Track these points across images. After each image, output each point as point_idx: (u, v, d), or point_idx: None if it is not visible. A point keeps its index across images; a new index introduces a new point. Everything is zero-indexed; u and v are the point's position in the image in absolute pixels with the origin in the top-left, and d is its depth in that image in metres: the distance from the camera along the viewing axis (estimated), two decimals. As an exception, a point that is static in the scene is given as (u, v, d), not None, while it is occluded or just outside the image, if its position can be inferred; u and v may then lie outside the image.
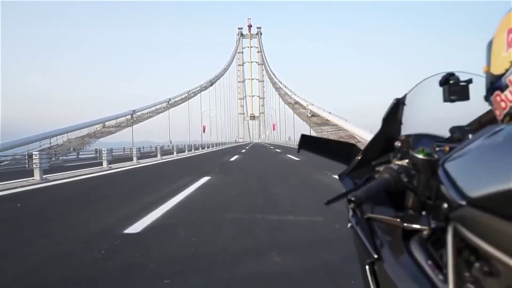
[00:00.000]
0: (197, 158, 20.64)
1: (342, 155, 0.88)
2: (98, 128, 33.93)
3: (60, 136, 26.76)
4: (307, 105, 46.62)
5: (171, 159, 19.15)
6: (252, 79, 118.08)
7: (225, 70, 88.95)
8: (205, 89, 68.05)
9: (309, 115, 45.50)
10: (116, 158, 17.05)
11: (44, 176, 9.04)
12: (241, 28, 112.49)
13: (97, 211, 4.69)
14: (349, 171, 0.80)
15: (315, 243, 3.03)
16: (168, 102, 48.25)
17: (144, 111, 41.05)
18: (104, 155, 13.57)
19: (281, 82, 72.36)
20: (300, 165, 12.40)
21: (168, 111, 48.19)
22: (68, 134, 27.86)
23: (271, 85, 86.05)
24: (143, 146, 28.59)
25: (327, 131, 38.92)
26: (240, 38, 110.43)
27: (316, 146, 0.94)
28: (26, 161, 12.30)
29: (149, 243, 3.17)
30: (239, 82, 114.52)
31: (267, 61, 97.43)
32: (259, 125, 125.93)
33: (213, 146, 47.53)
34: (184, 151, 29.80)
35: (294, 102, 56.54)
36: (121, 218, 4.11)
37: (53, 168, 12.09)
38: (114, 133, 36.59)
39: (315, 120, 44.35)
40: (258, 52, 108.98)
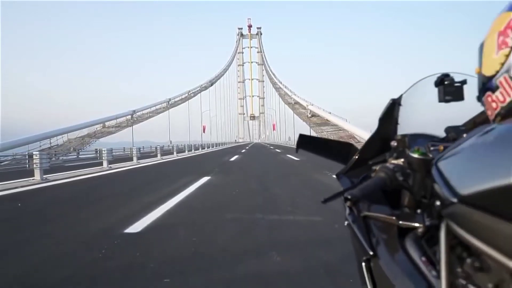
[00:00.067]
0: (197, 158, 20.64)
1: (340, 155, 0.89)
2: (98, 128, 33.94)
3: (60, 136, 26.79)
4: (307, 105, 46.59)
5: (171, 159, 19.14)
6: (252, 79, 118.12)
7: (225, 70, 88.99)
8: (205, 89, 68.09)
9: (309, 115, 45.46)
10: (116, 158, 17.03)
11: (44, 176, 9.04)
12: (241, 28, 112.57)
13: (97, 211, 4.70)
14: (347, 171, 0.81)
15: (314, 243, 3.04)
16: (168, 102, 48.28)
17: (144, 111, 41.08)
18: (104, 155, 13.56)
19: (281, 82, 72.32)
20: (300, 165, 12.40)
21: (168, 111, 48.27)
22: (68, 134, 27.89)
23: (271, 85, 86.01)
24: (143, 146, 28.57)
25: (327, 131, 38.85)
26: (240, 38, 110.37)
27: (314, 145, 0.95)
28: (27, 161, 12.31)
29: (149, 242, 3.18)
30: (239, 82, 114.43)
31: (267, 61, 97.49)
32: (259, 125, 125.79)
33: (213, 146, 47.49)
34: (184, 151, 29.79)
35: (294, 102, 56.49)
36: (121, 218, 4.12)
37: (53, 168, 12.09)
38: (114, 133, 36.64)
39: (315, 120, 44.31)
40: (258, 52, 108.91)
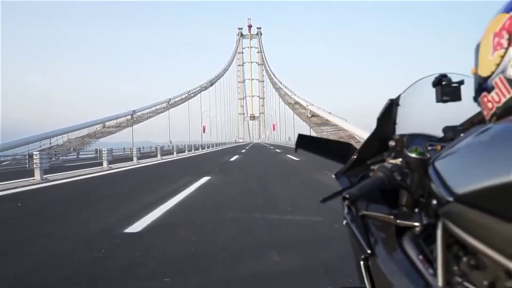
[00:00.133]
0: (197, 158, 20.65)
1: (339, 155, 0.90)
2: (98, 128, 33.93)
3: (60, 136, 26.78)
4: (307, 105, 46.57)
5: (171, 159, 19.15)
6: (252, 79, 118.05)
7: (225, 70, 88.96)
8: (205, 89, 68.07)
9: (309, 115, 45.45)
10: (116, 158, 17.02)
11: (44, 176, 9.05)
12: (241, 28, 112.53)
13: (97, 211, 4.71)
14: (345, 170, 0.82)
15: (314, 242, 3.04)
16: (168, 102, 48.28)
17: (144, 111, 41.08)
18: (104, 155, 13.57)
19: (281, 82, 72.27)
20: (300, 165, 12.40)
21: (168, 111, 48.25)
22: (68, 134, 27.88)
23: (271, 85, 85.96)
24: (143, 146, 28.54)
25: (327, 131, 38.83)
26: (240, 38, 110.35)
27: (313, 145, 0.96)
28: (27, 161, 12.31)
29: (150, 242, 3.19)
30: (239, 82, 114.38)
31: (267, 61, 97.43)
32: (259, 125, 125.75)
33: (213, 146, 47.50)
34: (184, 151, 29.79)
35: (294, 102, 56.47)
36: (121, 218, 4.12)
37: (54, 168, 12.10)
38: (114, 133, 36.64)
39: (315, 120, 44.30)
40: (258, 52, 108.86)
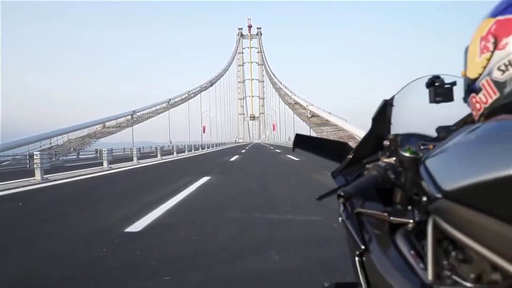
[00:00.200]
0: (197, 158, 20.66)
1: (335, 154, 0.92)
2: (98, 129, 33.95)
3: (61, 137, 26.80)
4: (307, 106, 46.60)
5: (171, 159, 19.17)
6: (252, 80, 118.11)
7: (225, 70, 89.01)
8: (205, 90, 68.09)
9: (309, 116, 45.48)
10: (116, 158, 17.06)
11: (45, 176, 9.07)
12: (241, 28, 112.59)
13: (97, 211, 4.73)
14: (341, 169, 0.84)
15: (313, 242, 3.06)
16: (168, 103, 48.29)
17: (144, 112, 41.09)
18: (105, 155, 13.59)
19: (281, 83, 72.31)
20: (299, 165, 12.42)
21: (168, 111, 48.25)
22: (68, 134, 27.90)
23: (271, 85, 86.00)
24: (143, 147, 28.60)
25: (327, 132, 38.84)
26: (240, 39, 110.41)
27: (310, 145, 0.97)
28: (27, 161, 12.35)
29: (150, 241, 3.20)
30: (239, 82, 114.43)
31: (267, 62, 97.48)
32: (259, 125, 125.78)
33: (213, 147, 47.54)
34: (184, 152, 29.82)
35: (294, 103, 56.50)
36: (122, 218, 4.14)
37: (54, 168, 12.12)
38: (114, 133, 36.66)
39: (315, 121, 44.33)
40: (258, 52, 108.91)
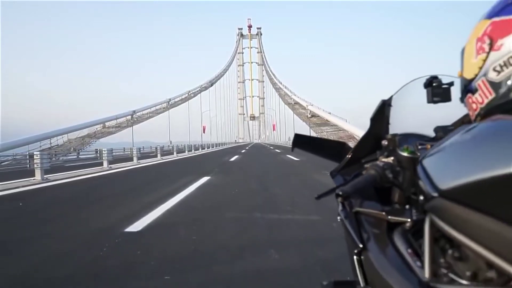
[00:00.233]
0: (197, 158, 20.67)
1: (334, 154, 0.92)
2: (98, 129, 33.95)
3: (61, 137, 26.80)
4: (307, 106, 46.61)
5: (171, 159, 19.17)
6: (252, 80, 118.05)
7: (225, 70, 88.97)
8: (205, 90, 68.05)
9: (309, 116, 45.49)
10: (116, 158, 17.07)
11: (45, 176, 9.08)
12: (241, 28, 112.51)
13: (98, 211, 4.73)
14: (340, 169, 0.85)
15: (313, 241, 3.07)
16: (168, 103, 48.29)
17: (144, 112, 41.10)
18: (105, 155, 13.60)
19: (281, 83, 72.32)
20: (299, 165, 12.42)
21: (168, 111, 48.26)
22: (68, 134, 27.90)
23: (271, 85, 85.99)
24: (143, 147, 28.59)
25: (327, 132, 38.84)
26: (240, 39, 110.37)
27: (309, 145, 0.98)
28: (27, 161, 12.36)
29: (150, 241, 3.21)
30: (239, 82, 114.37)
31: (267, 62, 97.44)
32: (259, 125, 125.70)
33: (213, 147, 47.54)
34: (184, 152, 29.82)
35: (294, 103, 56.52)
36: (122, 217, 4.14)
37: (54, 168, 12.13)
38: (114, 133, 36.66)
39: (315, 121, 44.33)
40: (258, 52, 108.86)
